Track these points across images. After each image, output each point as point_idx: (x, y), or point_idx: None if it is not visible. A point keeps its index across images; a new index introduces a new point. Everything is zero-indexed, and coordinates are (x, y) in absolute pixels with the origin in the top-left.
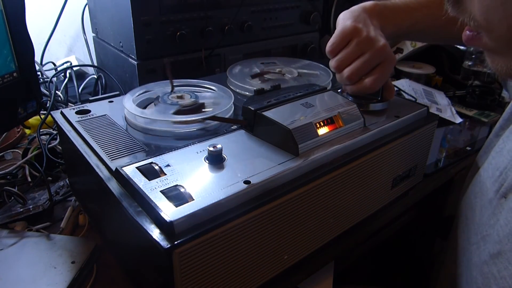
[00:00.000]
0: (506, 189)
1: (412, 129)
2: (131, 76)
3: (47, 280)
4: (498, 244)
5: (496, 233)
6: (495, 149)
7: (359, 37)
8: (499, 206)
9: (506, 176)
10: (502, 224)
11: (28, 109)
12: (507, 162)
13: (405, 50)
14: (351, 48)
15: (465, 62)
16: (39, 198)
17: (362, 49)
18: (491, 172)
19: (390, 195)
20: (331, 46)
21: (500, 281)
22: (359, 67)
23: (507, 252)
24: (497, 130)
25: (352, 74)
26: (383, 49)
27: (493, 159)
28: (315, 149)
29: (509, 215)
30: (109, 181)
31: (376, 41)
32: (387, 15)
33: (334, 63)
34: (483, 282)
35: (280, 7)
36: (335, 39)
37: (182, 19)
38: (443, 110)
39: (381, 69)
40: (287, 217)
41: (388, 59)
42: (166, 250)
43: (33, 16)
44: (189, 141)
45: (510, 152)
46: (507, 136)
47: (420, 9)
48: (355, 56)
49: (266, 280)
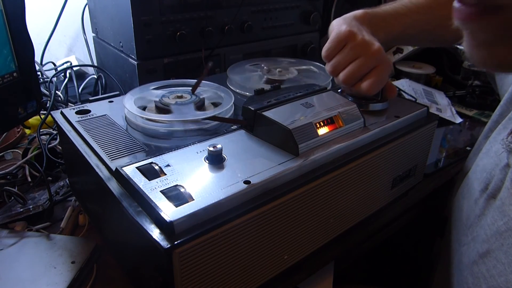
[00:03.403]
0: (493, 190)
1: (412, 129)
2: (131, 76)
3: (47, 280)
4: (486, 243)
5: (484, 232)
6: (482, 151)
7: (354, 41)
8: (488, 207)
9: (491, 177)
10: (489, 223)
11: (28, 109)
12: (494, 163)
13: (405, 50)
14: (346, 52)
15: (465, 62)
16: (39, 198)
17: (357, 53)
18: (478, 174)
19: (390, 195)
20: (327, 51)
21: (489, 280)
22: (354, 70)
23: (495, 250)
24: (486, 132)
25: (347, 78)
26: (378, 53)
27: (481, 161)
28: (315, 149)
29: (495, 214)
30: (109, 181)
31: (370, 45)
32: (377, 22)
33: (329, 67)
34: (473, 282)
35: (280, 7)
36: (330, 44)
37: (182, 19)
38: (443, 110)
39: (377, 72)
40: (287, 217)
41: (383, 62)
42: (166, 250)
43: (33, 16)
44: (189, 141)
45: (496, 153)
46: (494, 138)
47: (409, 15)
48: (350, 60)
49: (266, 280)
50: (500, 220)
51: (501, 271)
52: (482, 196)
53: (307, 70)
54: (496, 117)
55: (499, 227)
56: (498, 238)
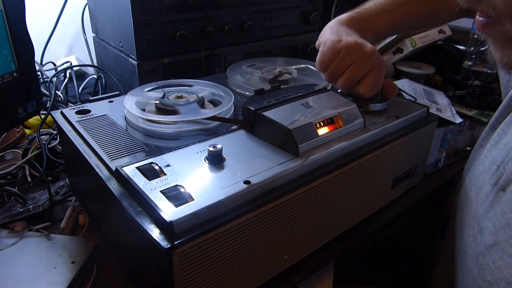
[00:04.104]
0: (504, 182)
1: (412, 129)
2: (131, 76)
3: (47, 280)
4: (494, 235)
5: (492, 224)
6: (490, 142)
7: (347, 48)
8: (497, 199)
9: (503, 170)
10: (499, 215)
11: (28, 109)
12: (504, 155)
13: (405, 50)
14: (340, 59)
15: (465, 62)
16: (39, 198)
17: (351, 59)
18: (487, 166)
19: (390, 195)
20: (321, 64)
21: (495, 271)
22: (350, 76)
23: (502, 242)
24: (492, 123)
25: (344, 84)
26: (371, 55)
27: (489, 152)
28: (315, 149)
29: (505, 207)
30: (109, 181)
31: (363, 49)
32: (364, 24)
33: (327, 76)
34: (478, 273)
35: (280, 7)
36: (323, 57)
37: (182, 19)
38: (443, 110)
39: (371, 75)
40: (287, 217)
41: (378, 64)
42: (166, 250)
43: (33, 16)
44: (189, 141)
45: (506, 146)
46: (503, 129)
47: (396, 9)
48: (345, 66)
49: (266, 280)
50: (510, 212)
51: (507, 262)
52: (493, 189)
53: (307, 70)
54: (503, 108)
55: (508, 219)
56: (506, 230)
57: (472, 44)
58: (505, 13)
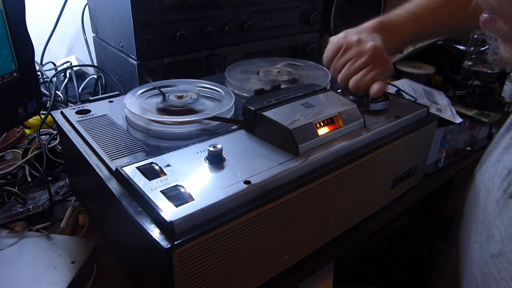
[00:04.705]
0: None
1: (412, 129)
2: (131, 76)
3: (47, 280)
4: (500, 244)
5: (499, 233)
6: (502, 145)
7: (348, 43)
8: (505, 207)
9: None
10: (506, 225)
11: (28, 109)
12: None
13: (405, 50)
14: (341, 54)
15: (465, 62)
16: (39, 198)
17: (351, 54)
18: (499, 170)
19: (390, 195)
20: (326, 59)
21: (500, 282)
22: (344, 72)
23: (508, 253)
24: (508, 124)
25: (340, 79)
26: (370, 51)
27: (501, 156)
28: (315, 149)
29: None
30: (109, 181)
31: (363, 44)
32: (391, 28)
33: (331, 71)
34: (483, 282)
35: (280, 7)
36: (326, 53)
37: (182, 19)
38: (443, 110)
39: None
40: (287, 217)
41: (377, 60)
42: (166, 250)
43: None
44: (189, 141)
45: None
46: None
47: (427, 14)
48: (345, 61)
49: (266, 280)
50: None
51: None
52: (503, 196)
53: (306, 70)
54: None
55: None
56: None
57: (472, 44)
58: (496, 9)
